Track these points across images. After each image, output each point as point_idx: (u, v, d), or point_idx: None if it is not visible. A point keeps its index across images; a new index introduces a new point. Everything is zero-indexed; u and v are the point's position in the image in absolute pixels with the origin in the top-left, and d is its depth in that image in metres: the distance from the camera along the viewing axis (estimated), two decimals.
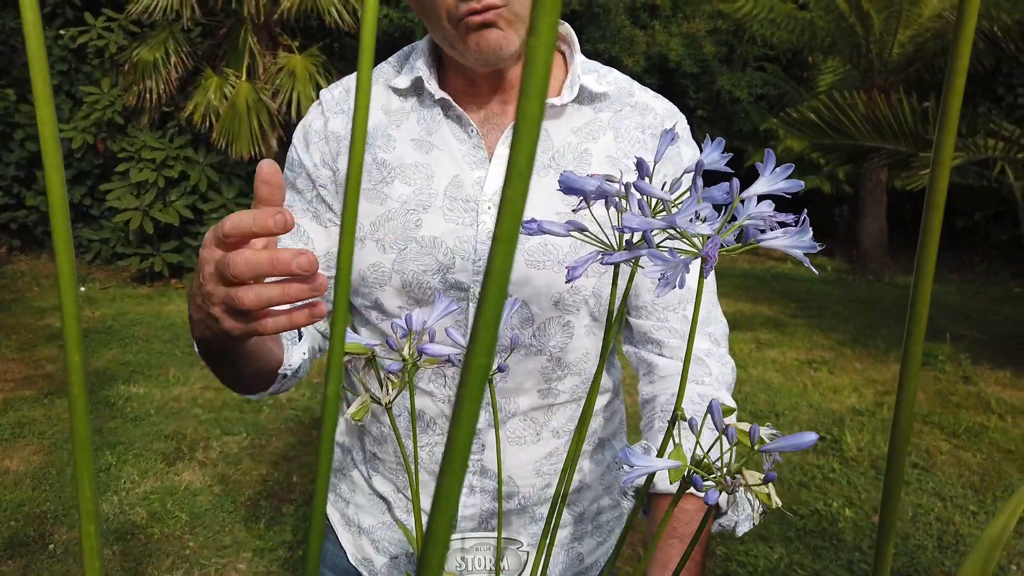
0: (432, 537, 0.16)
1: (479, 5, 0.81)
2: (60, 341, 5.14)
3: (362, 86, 0.20)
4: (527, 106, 0.14)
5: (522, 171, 0.15)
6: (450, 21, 0.84)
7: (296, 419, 3.94)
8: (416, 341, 0.59)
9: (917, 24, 8.12)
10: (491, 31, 0.83)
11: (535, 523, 0.98)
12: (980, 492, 3.25)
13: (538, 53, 0.14)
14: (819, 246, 0.48)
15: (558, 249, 0.89)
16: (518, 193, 0.14)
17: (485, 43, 0.84)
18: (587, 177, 0.50)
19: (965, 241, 10.10)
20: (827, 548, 2.79)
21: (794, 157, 9.34)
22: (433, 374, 0.93)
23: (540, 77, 0.14)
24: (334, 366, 0.22)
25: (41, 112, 0.22)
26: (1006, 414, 4.20)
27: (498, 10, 0.83)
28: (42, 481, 3.16)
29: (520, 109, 0.14)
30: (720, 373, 0.92)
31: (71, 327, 0.23)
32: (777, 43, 9.49)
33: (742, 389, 4.54)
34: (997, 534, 0.40)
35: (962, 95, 0.20)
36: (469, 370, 0.15)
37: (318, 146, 0.95)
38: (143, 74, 7.04)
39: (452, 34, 0.85)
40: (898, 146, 5.34)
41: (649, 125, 0.96)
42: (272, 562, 2.68)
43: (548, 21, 0.14)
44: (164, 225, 7.28)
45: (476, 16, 0.82)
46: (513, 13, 0.84)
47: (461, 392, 0.15)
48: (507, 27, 0.84)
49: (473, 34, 0.84)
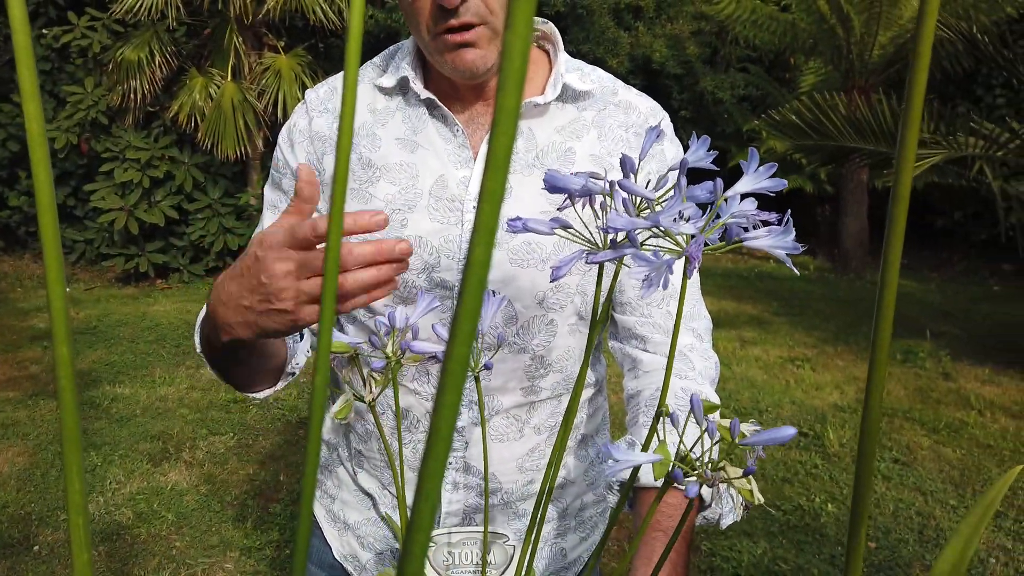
0: (415, 523, 0.16)
1: (456, 23, 0.81)
2: (44, 342, 5.10)
3: (349, 86, 0.21)
4: (504, 99, 0.15)
5: (501, 163, 0.15)
6: (429, 34, 0.84)
7: (283, 419, 3.93)
8: (399, 338, 0.59)
9: (897, 26, 8.19)
10: (468, 51, 0.84)
11: (518, 519, 0.98)
12: (960, 487, 3.29)
13: (514, 46, 0.14)
14: (801, 247, 0.48)
15: (542, 248, 0.89)
16: (497, 184, 0.15)
17: (461, 62, 0.84)
18: (572, 175, 0.50)
19: (945, 240, 10.21)
20: (810, 543, 2.82)
21: (776, 158, 9.40)
22: (418, 372, 0.93)
23: (517, 70, 0.15)
24: (322, 358, 0.22)
25: (28, 108, 0.22)
26: (985, 410, 4.25)
27: (476, 29, 0.83)
28: (27, 482, 3.13)
29: (498, 102, 0.15)
30: (703, 368, 0.93)
31: (59, 321, 0.23)
32: (760, 44, 9.54)
33: (726, 387, 4.57)
34: (973, 526, 0.41)
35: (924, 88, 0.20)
36: (450, 359, 0.16)
37: (303, 146, 0.96)
38: (127, 74, 6.99)
39: (431, 47, 0.86)
40: (878, 147, 5.39)
41: (633, 123, 0.96)
42: (259, 561, 2.67)
43: (523, 15, 0.15)
44: (149, 225, 7.23)
45: (455, 35, 0.83)
46: (492, 31, 0.84)
47: (442, 382, 0.16)
48: (486, 45, 0.84)
49: (450, 52, 0.84)
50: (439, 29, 0.82)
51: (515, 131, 0.15)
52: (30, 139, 0.23)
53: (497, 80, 0.85)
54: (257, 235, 0.70)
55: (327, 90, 0.98)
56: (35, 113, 0.22)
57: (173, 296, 6.91)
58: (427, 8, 0.82)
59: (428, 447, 0.16)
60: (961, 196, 8.43)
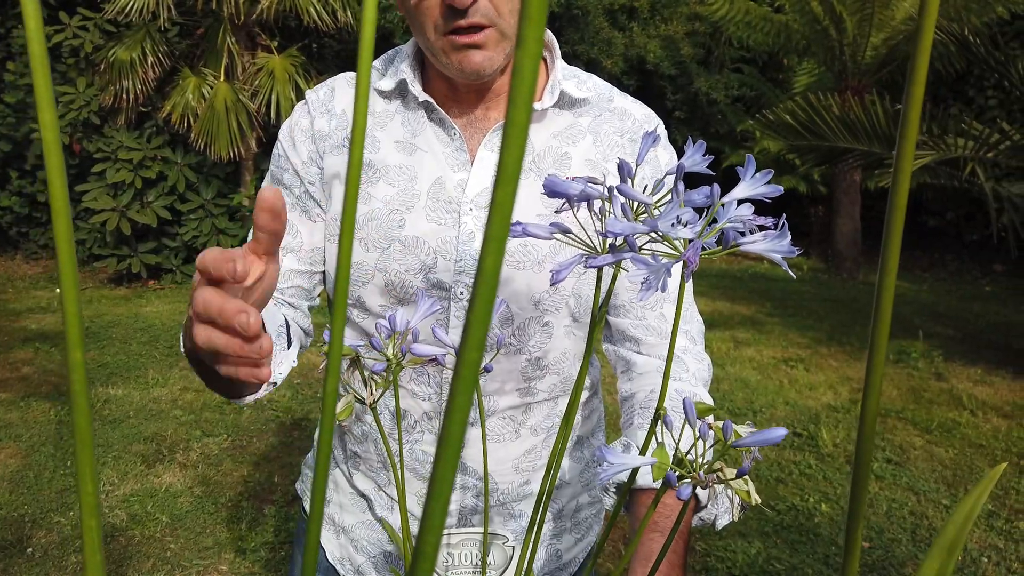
0: (426, 524, 0.17)
1: (465, 23, 0.82)
2: (36, 343, 5.08)
3: (360, 92, 0.21)
4: (515, 114, 0.15)
5: (511, 175, 0.16)
6: (436, 33, 0.84)
7: (277, 420, 3.92)
8: (400, 341, 0.60)
9: (889, 27, 8.23)
10: (476, 52, 0.84)
11: (514, 519, 0.99)
12: (952, 486, 3.31)
13: (525, 65, 0.15)
14: (797, 251, 0.49)
15: (538, 250, 0.90)
16: (507, 195, 0.16)
17: (468, 63, 0.85)
18: (571, 180, 0.51)
19: (938, 241, 10.26)
20: (804, 543, 2.83)
21: (770, 158, 9.45)
22: (415, 373, 0.94)
23: (527, 87, 0.15)
24: (333, 362, 0.23)
25: (43, 117, 0.23)
26: (977, 410, 4.28)
27: (485, 31, 0.83)
28: (19, 484, 3.12)
29: (508, 117, 0.15)
30: (697, 370, 0.94)
31: (72, 325, 0.23)
32: (753, 45, 9.58)
33: (720, 387, 4.58)
34: (960, 524, 0.41)
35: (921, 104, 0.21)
36: (462, 364, 0.16)
37: (304, 144, 0.96)
38: (119, 74, 6.97)
39: (436, 47, 0.86)
40: (871, 147, 5.42)
41: (628, 130, 0.97)
42: (254, 563, 2.67)
43: (534, 34, 0.15)
44: (142, 226, 7.21)
45: (463, 36, 0.83)
46: (500, 32, 0.84)
47: (455, 385, 0.16)
48: (493, 47, 0.85)
49: (457, 52, 0.84)
50: (448, 29, 0.83)
51: (524, 144, 0.16)
52: (45, 147, 0.23)
53: (499, 82, 0.86)
54: None
55: (327, 91, 0.99)
56: (51, 122, 0.23)
57: (166, 297, 6.89)
58: (435, 8, 0.83)
59: (439, 450, 0.16)
60: (954, 197, 8.48)
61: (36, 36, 0.22)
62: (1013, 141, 5.01)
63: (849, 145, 5.52)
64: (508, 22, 0.83)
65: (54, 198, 0.23)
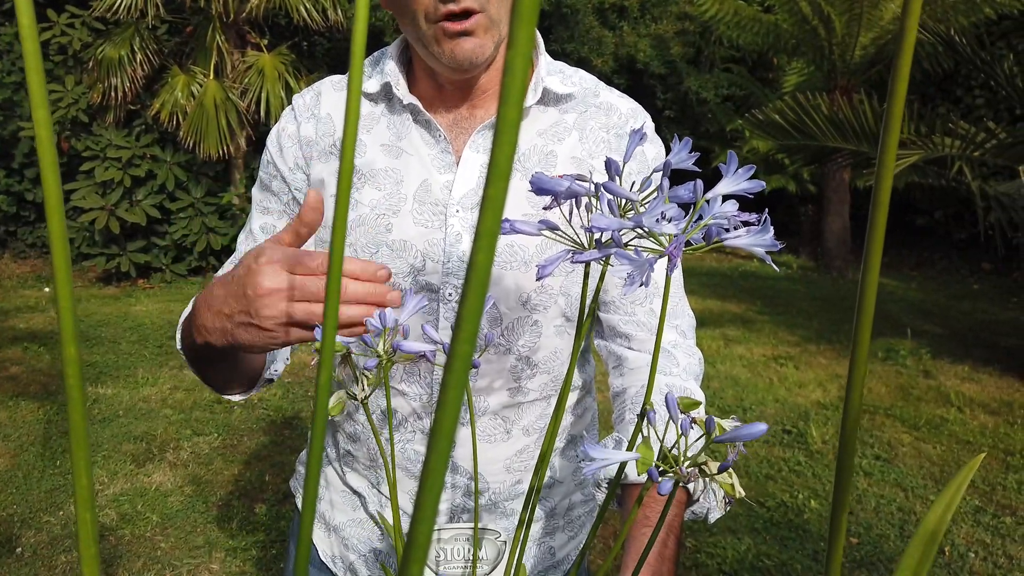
0: (418, 516, 0.17)
1: (457, 8, 0.81)
2: (25, 343, 5.04)
3: (352, 97, 0.21)
4: (507, 111, 0.16)
5: (503, 171, 0.16)
6: (427, 21, 0.84)
7: (268, 419, 3.91)
8: (390, 338, 0.60)
9: (878, 27, 8.28)
10: (468, 39, 0.84)
11: (506, 518, 0.99)
12: (940, 483, 3.34)
13: (516, 63, 0.15)
14: (779, 244, 0.49)
15: (524, 249, 0.90)
16: (499, 192, 0.16)
17: (460, 51, 0.84)
18: (557, 178, 0.51)
19: (926, 239, 10.33)
20: (793, 539, 2.85)
21: (760, 157, 9.48)
22: (405, 373, 0.94)
23: (519, 85, 0.16)
24: (325, 357, 0.23)
25: (37, 115, 0.23)
26: (965, 407, 4.31)
27: (475, 17, 0.83)
28: (8, 484, 3.10)
29: (500, 114, 0.16)
30: (687, 364, 0.94)
31: (66, 321, 0.24)
32: (743, 45, 9.61)
33: (710, 385, 4.60)
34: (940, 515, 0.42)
35: (904, 100, 0.21)
36: (454, 357, 0.17)
37: (291, 150, 0.96)
38: (108, 72, 6.94)
39: (427, 35, 0.85)
40: (860, 147, 5.45)
41: (614, 125, 0.97)
42: (245, 562, 2.66)
43: (525, 33, 0.16)
44: (131, 225, 7.18)
45: (455, 23, 0.82)
46: (489, 19, 0.84)
47: (446, 378, 0.17)
48: (484, 34, 0.84)
49: (449, 40, 0.84)
50: (439, 15, 0.82)
51: (516, 142, 0.16)
52: (39, 144, 0.23)
53: (484, 79, 0.87)
54: (255, 248, 0.71)
55: (312, 96, 0.98)
56: (44, 119, 0.23)
57: (155, 296, 6.86)
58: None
59: (431, 440, 0.17)
60: (941, 195, 8.53)
61: (30, 33, 0.22)
62: (999, 140, 5.05)
63: (838, 144, 5.55)
64: (496, 8, 0.83)
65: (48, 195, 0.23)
